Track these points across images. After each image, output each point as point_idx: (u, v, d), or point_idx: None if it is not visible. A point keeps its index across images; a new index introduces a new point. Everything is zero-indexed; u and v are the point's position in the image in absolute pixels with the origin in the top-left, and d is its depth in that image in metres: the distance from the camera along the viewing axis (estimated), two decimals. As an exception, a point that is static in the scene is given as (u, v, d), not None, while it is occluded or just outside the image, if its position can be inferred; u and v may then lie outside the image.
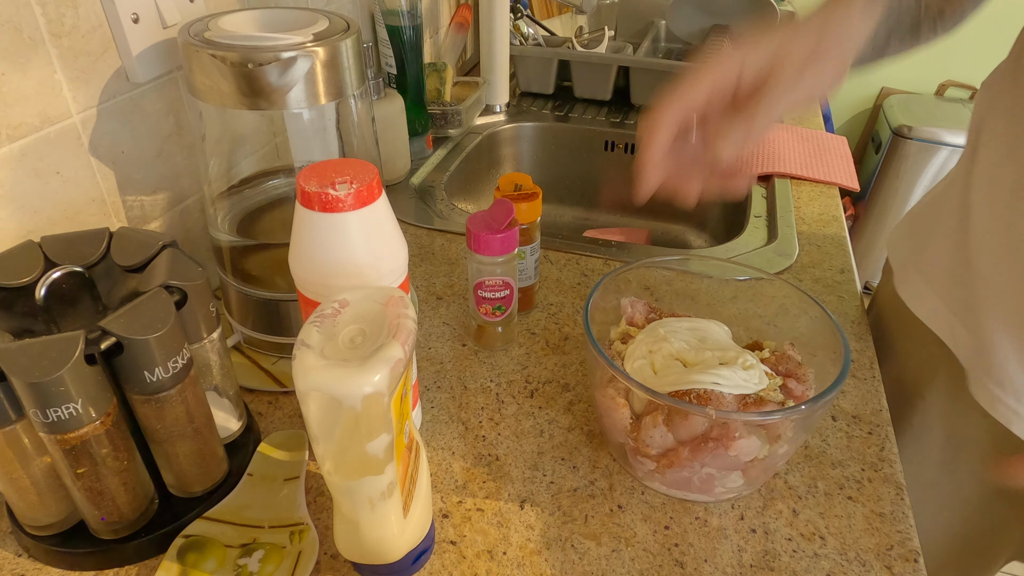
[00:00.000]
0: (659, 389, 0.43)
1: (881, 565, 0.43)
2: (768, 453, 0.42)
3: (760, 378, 0.44)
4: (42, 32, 0.46)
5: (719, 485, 0.44)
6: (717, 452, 0.41)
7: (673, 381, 0.43)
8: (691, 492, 0.45)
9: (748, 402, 0.43)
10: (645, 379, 0.45)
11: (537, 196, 0.59)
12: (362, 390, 0.31)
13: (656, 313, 0.52)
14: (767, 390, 0.44)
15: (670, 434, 0.42)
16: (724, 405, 0.42)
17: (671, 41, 1.43)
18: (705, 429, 0.41)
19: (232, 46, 0.44)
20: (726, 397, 0.42)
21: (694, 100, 0.43)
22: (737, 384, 0.42)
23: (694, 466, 0.42)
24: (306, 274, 0.40)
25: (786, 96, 0.42)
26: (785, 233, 0.77)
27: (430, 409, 0.54)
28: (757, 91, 0.42)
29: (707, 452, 0.41)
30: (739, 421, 0.40)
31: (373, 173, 0.38)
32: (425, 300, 0.66)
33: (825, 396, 0.40)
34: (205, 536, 0.42)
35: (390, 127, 0.81)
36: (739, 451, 0.41)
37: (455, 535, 0.44)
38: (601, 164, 1.08)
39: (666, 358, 0.45)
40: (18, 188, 0.47)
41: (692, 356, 0.45)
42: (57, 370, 0.33)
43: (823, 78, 0.43)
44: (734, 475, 0.43)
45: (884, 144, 2.10)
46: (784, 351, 0.48)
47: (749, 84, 0.43)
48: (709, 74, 0.43)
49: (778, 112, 0.42)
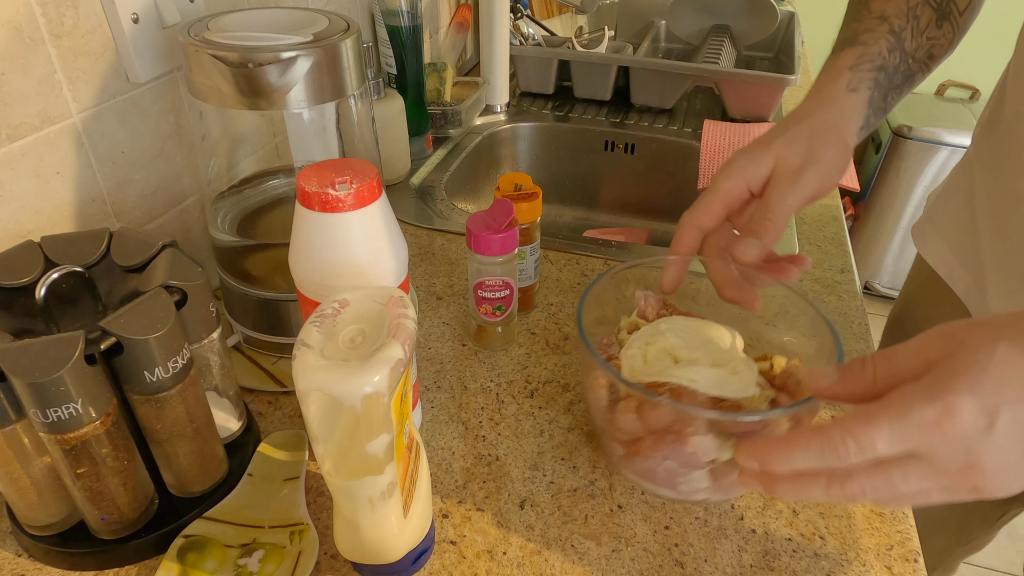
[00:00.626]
0: (641, 379, 0.43)
1: (881, 565, 0.43)
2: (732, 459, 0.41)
3: (747, 386, 0.43)
4: (42, 32, 0.46)
5: (683, 482, 0.43)
6: (675, 446, 0.41)
7: (655, 372, 0.43)
8: (657, 485, 0.45)
9: (724, 405, 0.42)
10: (634, 368, 0.45)
11: (537, 196, 0.59)
12: (362, 390, 0.31)
13: (668, 310, 0.52)
14: (753, 399, 0.43)
15: (639, 422, 0.42)
16: (696, 402, 0.41)
17: (671, 41, 1.43)
18: (669, 422, 0.41)
19: (232, 46, 0.44)
20: (699, 395, 0.42)
21: (709, 221, 0.47)
22: (716, 385, 0.42)
23: (657, 457, 0.42)
24: (306, 274, 0.40)
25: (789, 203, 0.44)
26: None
27: (430, 409, 0.54)
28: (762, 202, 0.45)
29: (667, 444, 0.41)
30: (698, 418, 0.40)
31: (373, 173, 0.38)
32: (425, 300, 0.66)
33: (787, 410, 0.39)
34: (205, 536, 0.42)
35: (390, 127, 0.81)
36: (696, 448, 0.40)
37: (455, 535, 0.44)
38: (601, 164, 1.08)
39: (659, 351, 0.45)
40: (18, 188, 0.47)
41: (684, 353, 0.45)
42: (57, 370, 0.33)
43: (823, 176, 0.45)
44: (698, 475, 0.42)
45: (884, 144, 2.10)
46: (790, 368, 0.46)
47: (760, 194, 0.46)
48: (720, 194, 0.46)
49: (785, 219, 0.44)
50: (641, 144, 1.05)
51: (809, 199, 0.45)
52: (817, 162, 0.45)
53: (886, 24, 0.51)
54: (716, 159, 0.95)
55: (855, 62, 0.49)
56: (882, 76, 0.49)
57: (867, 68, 0.49)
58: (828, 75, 0.50)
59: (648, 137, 1.04)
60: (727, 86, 1.05)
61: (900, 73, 0.51)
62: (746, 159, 0.46)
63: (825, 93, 0.49)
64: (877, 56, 0.49)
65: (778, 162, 0.45)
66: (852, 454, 0.29)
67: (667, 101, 1.09)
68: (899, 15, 0.51)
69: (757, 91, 1.04)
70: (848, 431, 0.30)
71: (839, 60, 0.50)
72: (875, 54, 0.50)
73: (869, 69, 0.49)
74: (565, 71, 1.13)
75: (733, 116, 1.07)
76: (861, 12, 0.53)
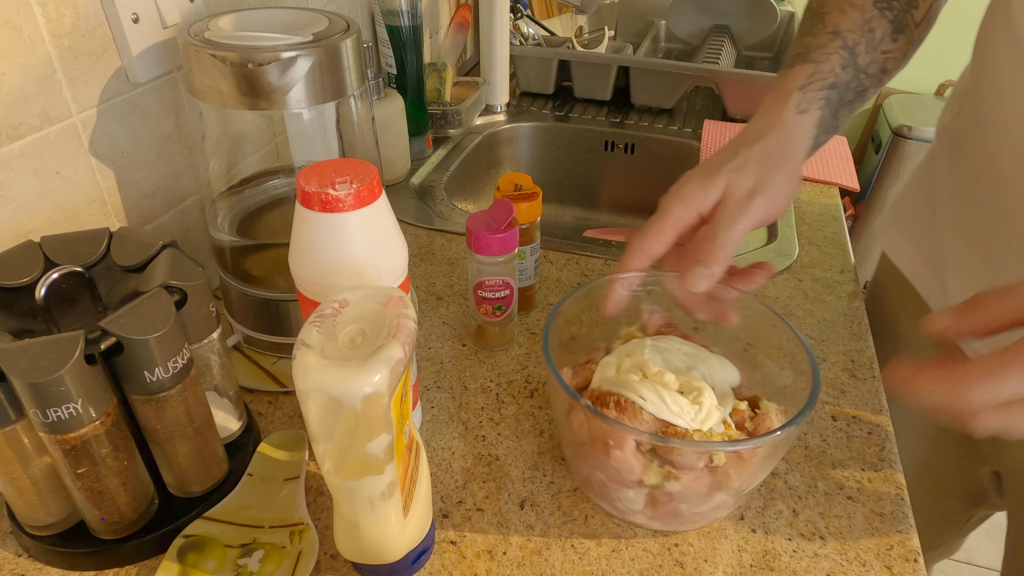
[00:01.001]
0: (603, 387, 0.43)
1: (881, 565, 0.43)
2: (660, 485, 0.40)
3: (705, 419, 0.41)
4: (42, 32, 0.46)
5: (617, 499, 0.43)
6: (601, 457, 0.40)
7: (616, 384, 0.43)
8: (593, 493, 0.45)
9: (670, 432, 0.41)
10: (604, 376, 0.45)
11: (537, 196, 0.59)
12: (362, 390, 0.31)
13: (669, 329, 0.51)
14: (707, 434, 0.41)
15: (586, 427, 0.41)
16: (638, 420, 0.40)
17: (671, 41, 1.43)
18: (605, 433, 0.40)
19: (232, 46, 0.44)
20: (644, 414, 0.41)
21: (658, 248, 0.45)
22: (666, 410, 0.41)
23: (589, 466, 0.42)
24: (306, 274, 0.40)
25: (737, 228, 0.43)
26: (785, 233, 0.77)
27: (430, 409, 0.54)
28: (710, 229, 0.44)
29: (596, 455, 0.40)
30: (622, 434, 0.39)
31: (373, 173, 0.38)
32: (425, 300, 0.66)
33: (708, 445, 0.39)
34: (205, 536, 0.42)
35: (390, 127, 0.81)
36: (618, 463, 0.39)
37: (455, 535, 0.44)
38: (601, 164, 1.08)
39: (632, 365, 0.45)
40: (18, 188, 0.47)
41: (654, 372, 0.44)
42: (57, 370, 0.33)
43: (772, 203, 0.45)
44: (630, 494, 0.41)
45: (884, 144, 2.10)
46: (767, 412, 0.44)
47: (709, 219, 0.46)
48: (670, 220, 0.45)
49: (733, 245, 0.43)
50: (641, 144, 1.05)
51: (757, 224, 0.45)
52: (767, 188, 0.44)
53: (839, 39, 0.50)
54: (716, 159, 0.95)
55: (805, 81, 0.48)
56: (833, 94, 0.49)
57: (817, 87, 0.48)
58: (778, 94, 0.49)
59: (648, 137, 1.04)
60: (727, 86, 1.05)
61: (852, 89, 0.50)
62: (696, 184, 0.45)
63: (774, 114, 0.48)
64: (828, 73, 0.49)
65: (728, 188, 0.45)
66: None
67: (667, 101, 1.09)
68: (853, 29, 0.50)
69: (757, 91, 1.04)
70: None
71: (789, 78, 0.49)
72: (827, 71, 0.49)
73: (820, 88, 0.48)
74: (565, 71, 1.13)
75: (733, 116, 1.07)
76: (815, 26, 0.52)
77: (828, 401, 0.55)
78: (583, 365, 0.48)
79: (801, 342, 0.44)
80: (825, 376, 0.58)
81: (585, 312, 0.50)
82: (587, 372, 0.47)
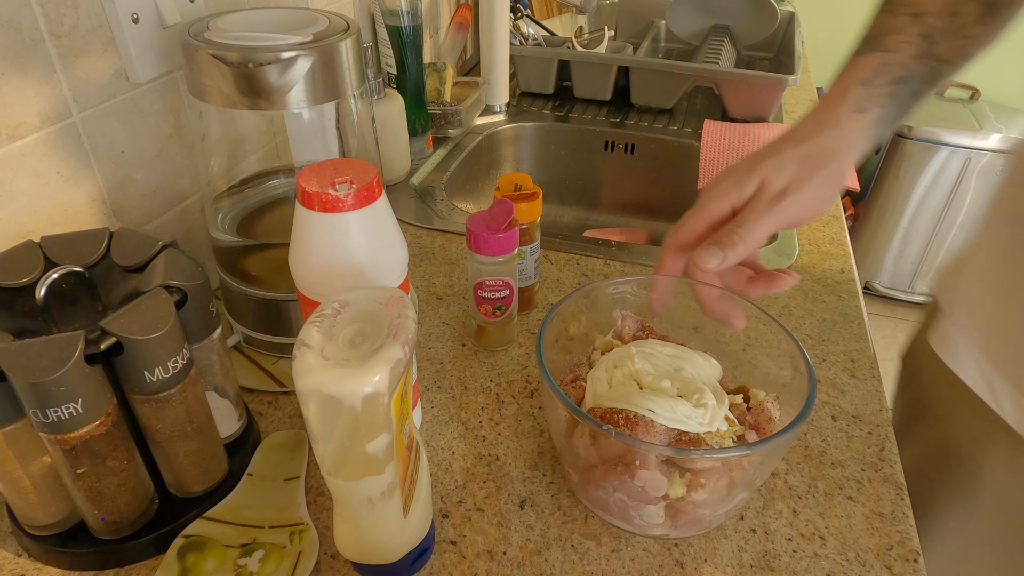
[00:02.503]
0: (603, 403, 0.42)
1: (881, 565, 0.43)
2: (685, 496, 0.40)
3: (711, 420, 0.41)
4: (42, 32, 0.46)
5: (636, 516, 0.42)
6: (623, 478, 0.39)
7: (616, 398, 0.42)
8: (611, 516, 0.44)
9: (683, 439, 0.40)
10: (597, 392, 0.43)
11: (537, 196, 0.59)
12: (362, 390, 0.31)
13: (645, 332, 0.50)
14: (717, 434, 0.41)
15: (593, 449, 0.41)
16: (651, 433, 0.39)
17: (671, 41, 1.43)
18: (620, 452, 0.39)
19: (232, 46, 0.44)
20: (656, 427, 0.40)
21: (693, 243, 0.46)
22: (676, 418, 0.40)
23: (607, 488, 0.41)
24: (306, 274, 0.40)
25: (763, 223, 0.43)
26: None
27: (430, 409, 0.54)
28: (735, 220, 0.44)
29: (616, 476, 0.40)
30: (646, 452, 0.38)
31: (373, 173, 0.38)
32: (425, 300, 0.66)
33: (729, 451, 0.38)
34: (205, 536, 0.42)
35: (390, 127, 0.81)
36: (644, 482, 0.39)
37: (455, 535, 0.44)
38: (601, 164, 1.08)
39: (625, 376, 0.44)
40: (18, 188, 0.47)
41: (650, 380, 0.43)
42: (57, 370, 0.33)
43: (806, 204, 0.44)
44: (651, 510, 0.41)
45: (884, 144, 2.10)
46: (762, 402, 0.44)
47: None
48: (705, 215, 0.45)
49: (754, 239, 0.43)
50: (641, 144, 1.05)
51: (786, 225, 0.44)
52: (801, 189, 0.43)
53: (919, 24, 0.44)
54: (716, 159, 0.95)
55: (871, 75, 0.44)
56: (902, 90, 0.44)
57: (884, 82, 0.44)
58: (838, 88, 0.45)
59: (648, 137, 1.04)
60: (727, 86, 1.05)
61: (926, 81, 0.45)
62: (733, 180, 0.45)
63: (828, 112, 0.45)
64: (899, 67, 0.44)
65: (762, 184, 0.44)
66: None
67: (667, 101, 1.09)
68: (936, 12, 0.44)
69: (757, 91, 1.04)
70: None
71: (854, 70, 0.45)
72: (896, 63, 0.44)
73: (887, 83, 0.44)
74: (565, 71, 1.13)
75: (733, 116, 1.07)
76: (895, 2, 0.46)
77: (828, 401, 0.55)
78: (571, 384, 0.47)
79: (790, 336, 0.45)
80: (825, 376, 0.58)
81: (584, 312, 0.50)
82: (578, 390, 0.46)
